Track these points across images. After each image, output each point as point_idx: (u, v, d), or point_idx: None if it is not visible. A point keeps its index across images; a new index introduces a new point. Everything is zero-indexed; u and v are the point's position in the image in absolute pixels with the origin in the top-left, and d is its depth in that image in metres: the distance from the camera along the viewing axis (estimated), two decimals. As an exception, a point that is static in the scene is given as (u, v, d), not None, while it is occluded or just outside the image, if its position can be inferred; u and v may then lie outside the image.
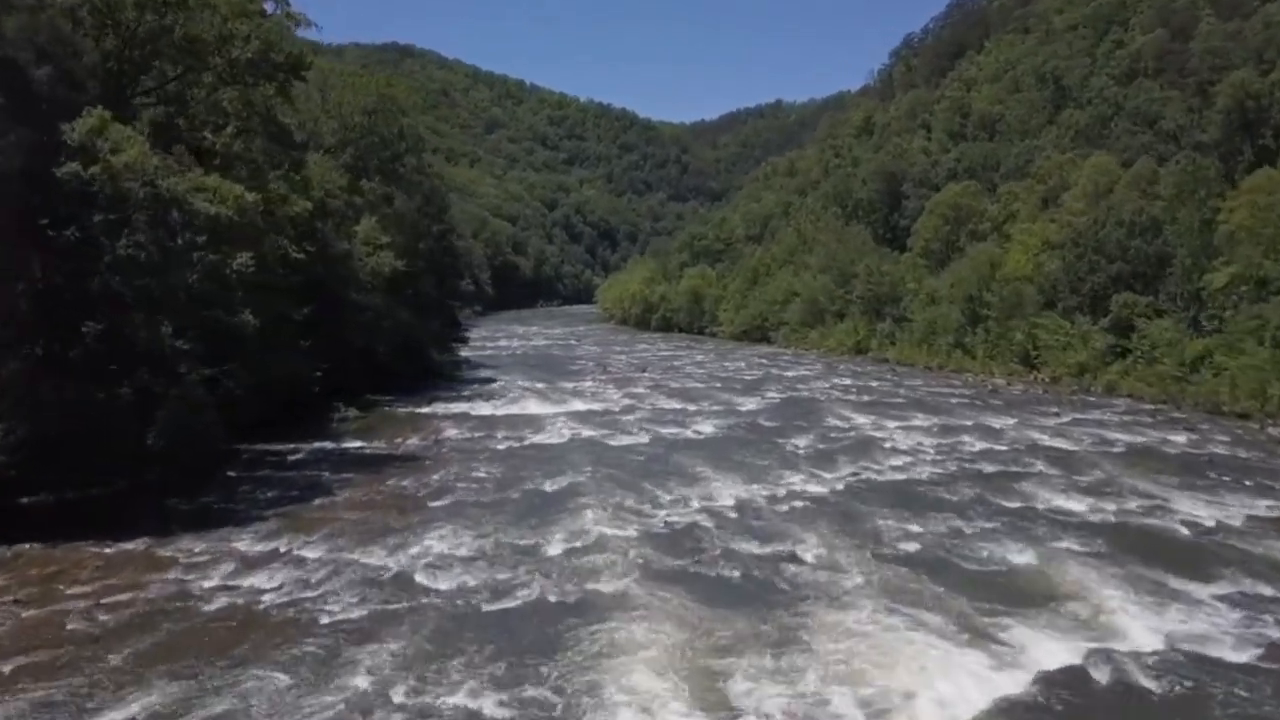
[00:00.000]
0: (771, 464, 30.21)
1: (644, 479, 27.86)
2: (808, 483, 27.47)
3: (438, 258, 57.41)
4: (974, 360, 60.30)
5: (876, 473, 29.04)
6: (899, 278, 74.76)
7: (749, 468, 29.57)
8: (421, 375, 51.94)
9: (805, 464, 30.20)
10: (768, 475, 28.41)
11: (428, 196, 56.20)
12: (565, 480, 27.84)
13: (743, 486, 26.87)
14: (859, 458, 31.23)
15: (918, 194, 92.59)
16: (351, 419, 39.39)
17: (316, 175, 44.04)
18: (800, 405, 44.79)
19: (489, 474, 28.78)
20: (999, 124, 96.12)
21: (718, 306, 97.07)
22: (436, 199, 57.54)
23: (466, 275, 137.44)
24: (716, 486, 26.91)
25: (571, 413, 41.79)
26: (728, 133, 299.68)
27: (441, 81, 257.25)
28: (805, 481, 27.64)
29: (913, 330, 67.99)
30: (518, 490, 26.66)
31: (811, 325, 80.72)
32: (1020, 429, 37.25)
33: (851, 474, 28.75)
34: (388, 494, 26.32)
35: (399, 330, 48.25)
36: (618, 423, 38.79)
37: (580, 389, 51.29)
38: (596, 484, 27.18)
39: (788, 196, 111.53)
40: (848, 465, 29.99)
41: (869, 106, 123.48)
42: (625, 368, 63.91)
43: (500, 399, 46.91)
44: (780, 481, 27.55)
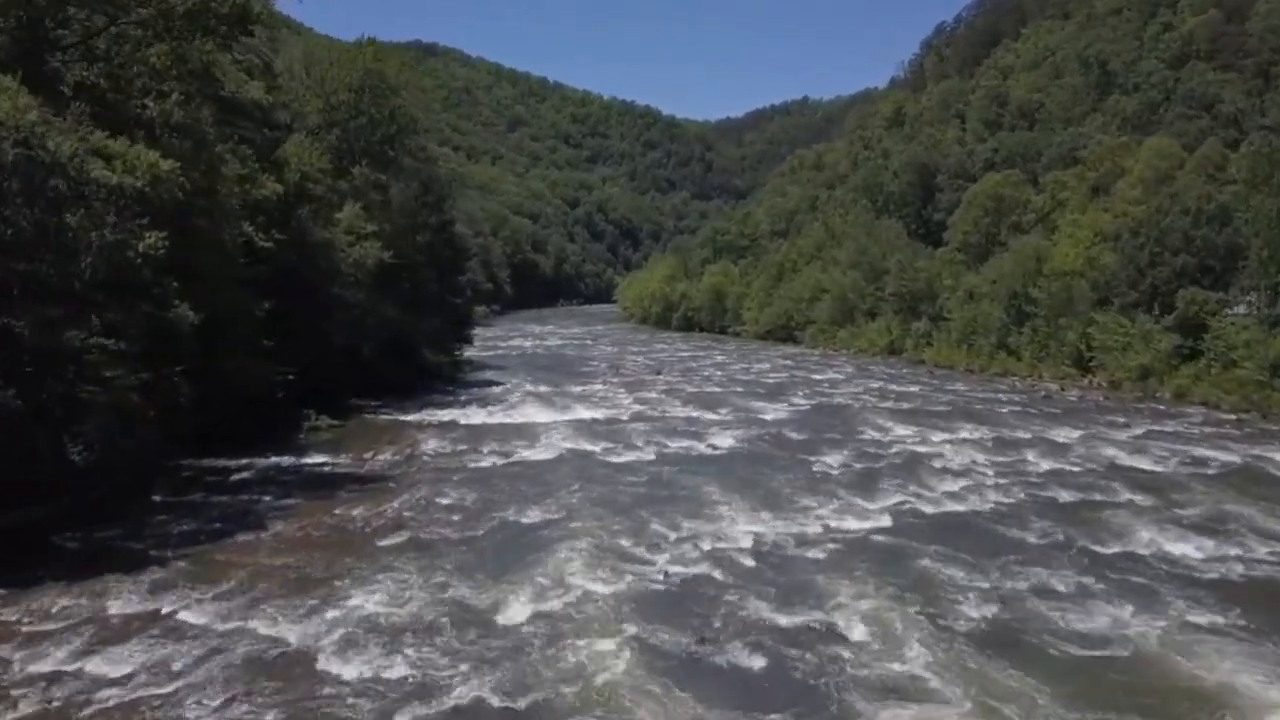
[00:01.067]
0: (799, 489, 24.95)
1: (645, 509, 22.72)
2: (844, 515, 22.20)
3: (437, 251, 52.56)
4: (1020, 362, 54.68)
5: (928, 502, 23.70)
6: (934, 274, 69.20)
7: (772, 495, 24.33)
8: (416, 378, 47.09)
9: (840, 489, 24.93)
10: (795, 505, 23.17)
11: (425, 184, 51.37)
12: (550, 510, 22.76)
13: (764, 521, 21.66)
14: (905, 481, 25.91)
15: (952, 186, 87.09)
16: (323, 428, 34.55)
17: (294, 156, 39.27)
18: (831, 414, 39.49)
19: (460, 501, 23.74)
20: (1039, 112, 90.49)
21: (741, 305, 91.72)
22: (436, 187, 52.74)
23: (483, 273, 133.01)
24: (732, 520, 21.72)
25: (573, 422, 36.72)
26: (753, 130, 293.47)
27: (464, 80, 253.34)
28: (841, 514, 22.37)
29: (950, 330, 62.41)
30: (489, 523, 21.60)
31: (841, 324, 75.25)
32: (1089, 444, 31.75)
33: (897, 503, 23.43)
34: (330, 528, 21.35)
35: (387, 328, 43.40)
36: (623, 434, 33.66)
37: (587, 393, 46.23)
38: (586, 516, 22.06)
39: (815, 190, 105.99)
40: (892, 491, 24.68)
41: (899, 97, 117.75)
42: (639, 370, 58.78)
43: (497, 405, 41.95)
44: (810, 514, 22.29)
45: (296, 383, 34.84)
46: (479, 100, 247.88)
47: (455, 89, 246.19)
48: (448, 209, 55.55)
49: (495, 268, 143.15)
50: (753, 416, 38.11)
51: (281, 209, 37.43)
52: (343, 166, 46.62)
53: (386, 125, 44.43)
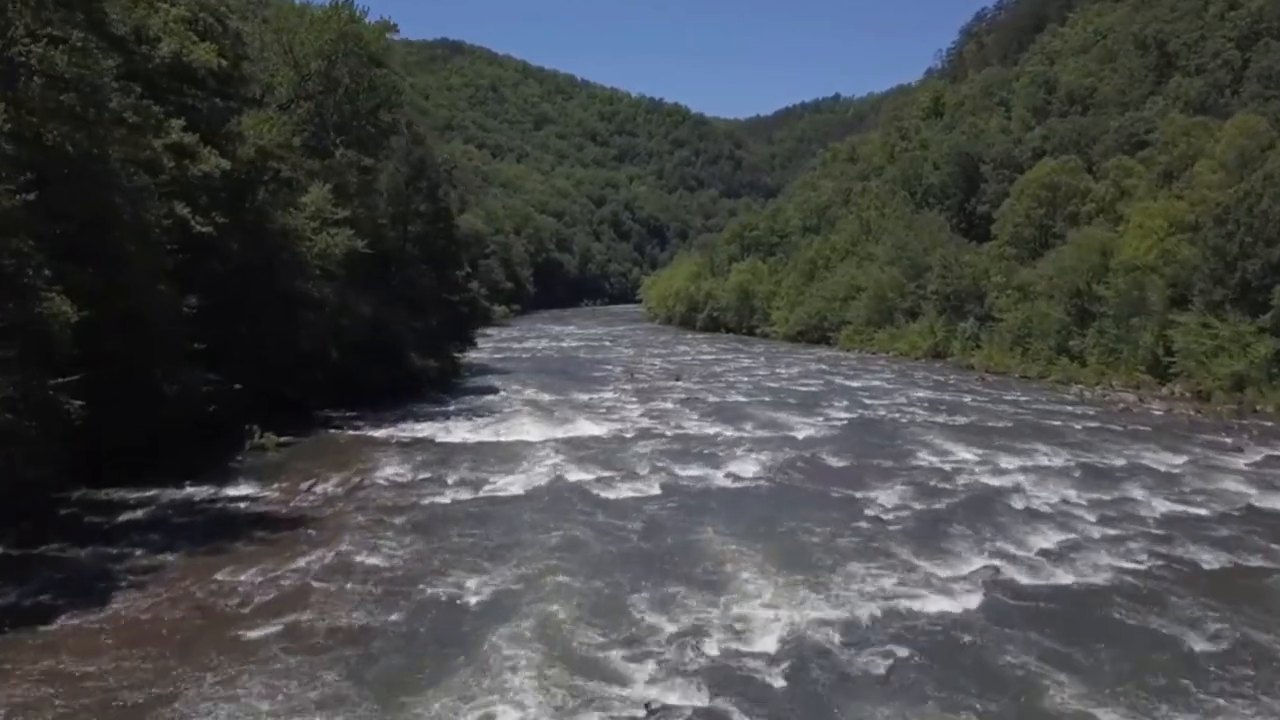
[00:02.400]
0: (843, 545, 18.61)
1: (634, 578, 16.50)
2: (909, 592, 15.86)
3: (431, 242, 46.68)
4: (1085, 368, 47.85)
5: (1022, 568, 17.24)
6: (982, 270, 62.38)
7: (807, 554, 18.02)
8: (402, 384, 41.18)
9: (898, 545, 18.55)
10: (839, 572, 16.85)
11: (417, 168, 45.51)
12: (504, 579, 16.60)
13: (798, 600, 15.38)
14: (983, 532, 19.49)
15: (998, 176, 79.96)
16: (269, 447, 28.60)
17: (251, 130, 33.52)
18: (875, 431, 33.05)
19: (389, 561, 17.63)
20: (1093, 97, 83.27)
21: (769, 304, 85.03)
22: (430, 172, 46.83)
23: (504, 271, 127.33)
24: (753, 599, 15.45)
25: (569, 440, 30.58)
26: (783, 127, 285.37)
27: (491, 77, 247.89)
28: (904, 588, 16.03)
29: (1002, 331, 55.62)
30: (414, 602, 15.47)
31: (878, 325, 68.53)
32: (1203, 475, 25.13)
33: (980, 571, 17.00)
34: (198, 603, 15.32)
35: (365, 329, 37.55)
36: (625, 458, 27.45)
37: (594, 403, 40.11)
38: (551, 592, 15.87)
39: (848, 183, 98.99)
40: (969, 550, 18.26)
41: (938, 86, 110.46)
42: (656, 375, 52.54)
43: (488, 417, 35.93)
44: (862, 588, 15.97)
45: (245, 392, 29.14)
46: (505, 98, 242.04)
47: (482, 86, 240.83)
48: (444, 195, 49.63)
49: (517, 266, 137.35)
50: (782, 435, 31.72)
51: (233, 189, 31.77)
52: (322, 146, 40.94)
53: (366, 98, 38.53)
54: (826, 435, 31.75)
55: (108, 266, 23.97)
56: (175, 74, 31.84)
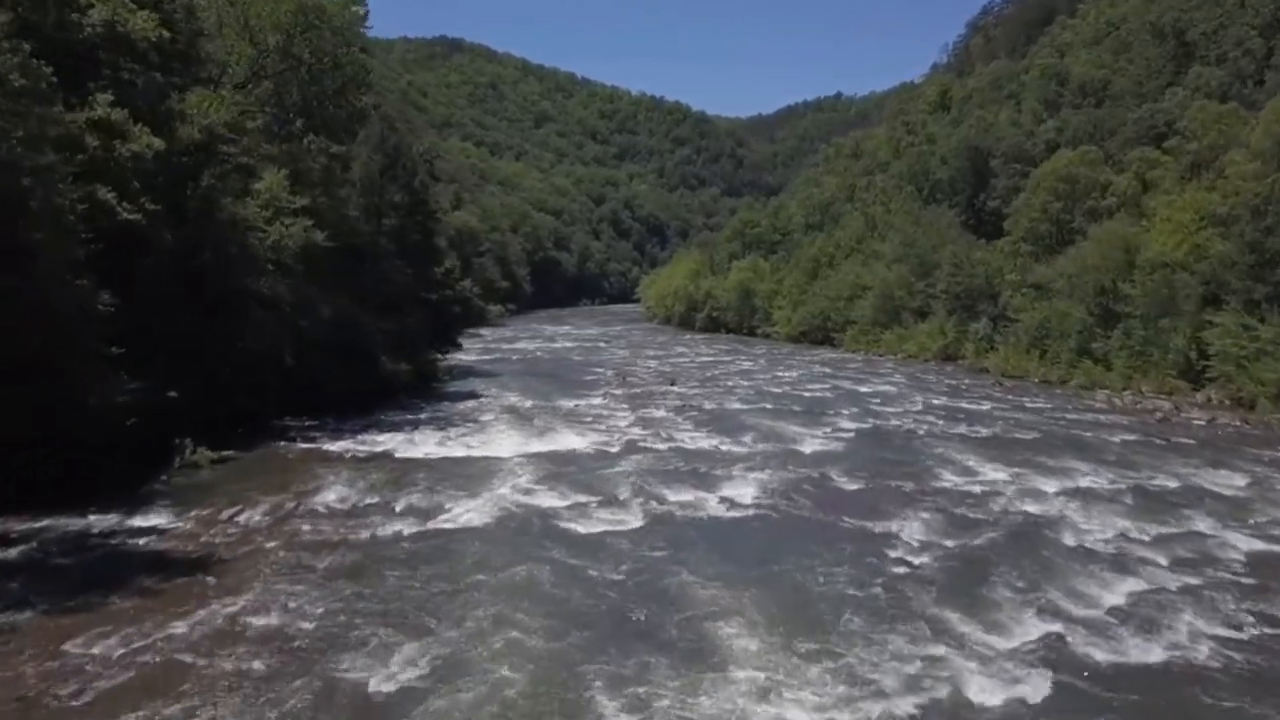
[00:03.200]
0: (862, 600, 14.92)
1: (597, 655, 12.83)
2: (951, 671, 12.16)
3: (407, 236, 43.02)
4: (1110, 372, 44.15)
5: (1093, 634, 13.52)
6: (995, 267, 58.76)
7: (816, 612, 14.35)
8: (374, 390, 37.54)
9: (930, 601, 14.86)
10: (858, 642, 13.14)
11: (391, 156, 41.90)
12: (430, 652, 12.89)
13: (804, 682, 11.72)
14: (1033, 580, 15.81)
15: (1009, 170, 76.42)
16: (202, 465, 24.95)
17: (195, 108, 29.90)
18: (890, 444, 29.39)
19: (295, 623, 13.93)
20: (1107, 89, 79.64)
21: (771, 304, 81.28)
22: (406, 161, 43.15)
23: (499, 270, 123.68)
24: (743, 683, 11.77)
25: (546, 455, 26.93)
26: (785, 126, 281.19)
27: (491, 75, 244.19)
28: (944, 666, 12.33)
29: (1018, 332, 51.94)
30: (305, 692, 11.78)
31: (885, 325, 64.85)
32: (1274, 499, 21.48)
33: (1040, 640, 13.27)
34: (13, 694, 11.67)
35: (327, 330, 33.93)
36: (607, 478, 23.79)
37: (580, 411, 36.49)
38: (484, 676, 12.19)
39: (853, 179, 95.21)
40: (1020, 608, 14.54)
41: (945, 80, 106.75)
42: (650, 379, 48.88)
43: (461, 427, 32.32)
44: (888, 665, 12.28)
45: (181, 401, 25.53)
46: (505, 96, 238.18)
47: (481, 84, 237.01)
48: (422, 186, 46.00)
49: (513, 265, 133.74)
50: (785, 449, 28.03)
51: (172, 174, 28.19)
52: (285, 130, 37.35)
53: (330, 77, 34.89)
54: (835, 450, 28.06)
55: (8, 256, 20.55)
56: (110, 45, 28.37)
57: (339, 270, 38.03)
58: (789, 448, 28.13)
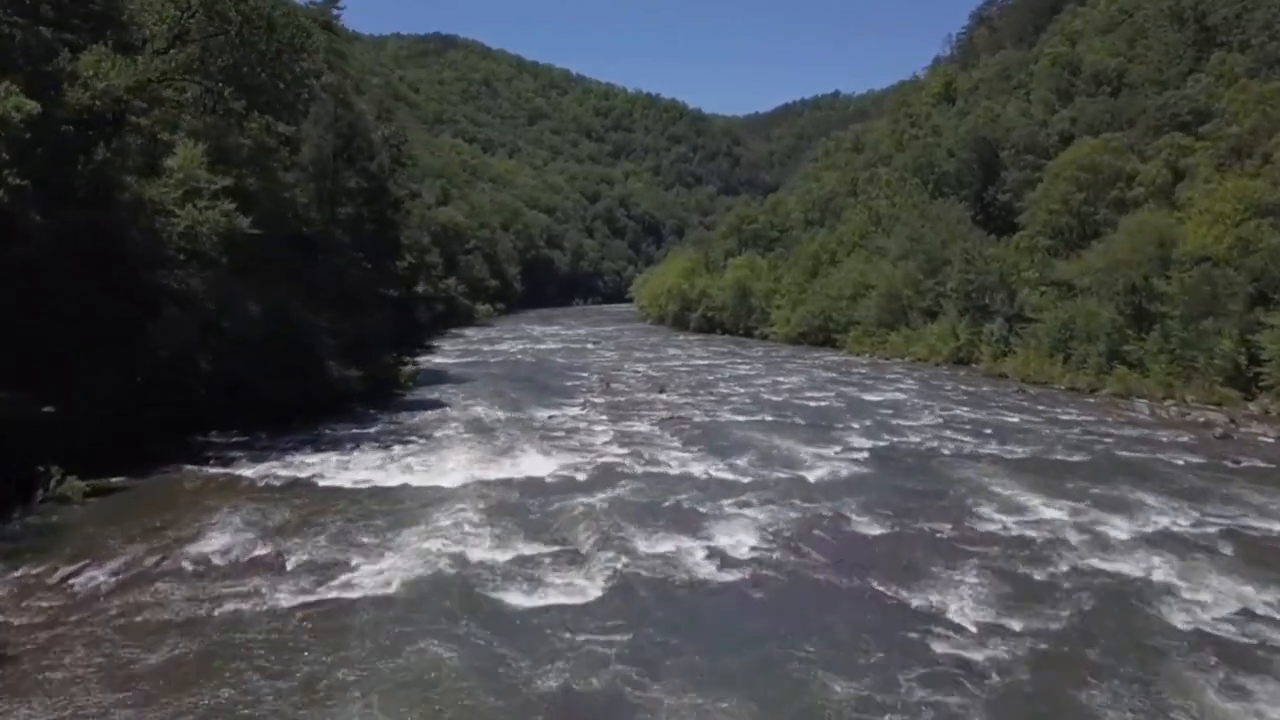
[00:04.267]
0: None
1: None
2: None
3: (365, 227, 38.19)
4: (1147, 379, 39.37)
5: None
6: (1010, 264, 53.96)
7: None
8: (321, 399, 32.73)
9: None
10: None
11: (345, 137, 37.13)
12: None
13: None
14: (1146, 686, 11.06)
15: (1020, 163, 71.76)
16: (72, 497, 20.05)
17: (91, 70, 25.09)
18: (916, 468, 24.59)
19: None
20: (1124, 77, 74.99)
21: (769, 303, 76.40)
22: (364, 142, 38.32)
23: (488, 268, 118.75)
24: None
25: (498, 485, 22.14)
26: (782, 125, 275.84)
27: (484, 72, 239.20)
28: None
29: (1039, 334, 47.15)
30: None
31: (891, 326, 60.06)
32: None
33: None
34: None
35: (258, 331, 29.10)
36: (566, 519, 18.96)
37: (554, 424, 31.71)
38: None
39: (854, 173, 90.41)
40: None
41: (949, 71, 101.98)
42: (637, 385, 44.08)
43: (411, 445, 27.54)
44: None
45: (58, 417, 20.73)
46: (499, 93, 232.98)
47: (474, 81, 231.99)
48: (382, 170, 41.15)
49: (503, 263, 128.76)
50: (789, 476, 23.21)
51: (54, 145, 23.42)
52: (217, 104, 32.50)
53: (263, 39, 30.07)
54: (849, 477, 23.26)
55: None
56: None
57: (281, 263, 33.28)
58: (793, 474, 23.32)
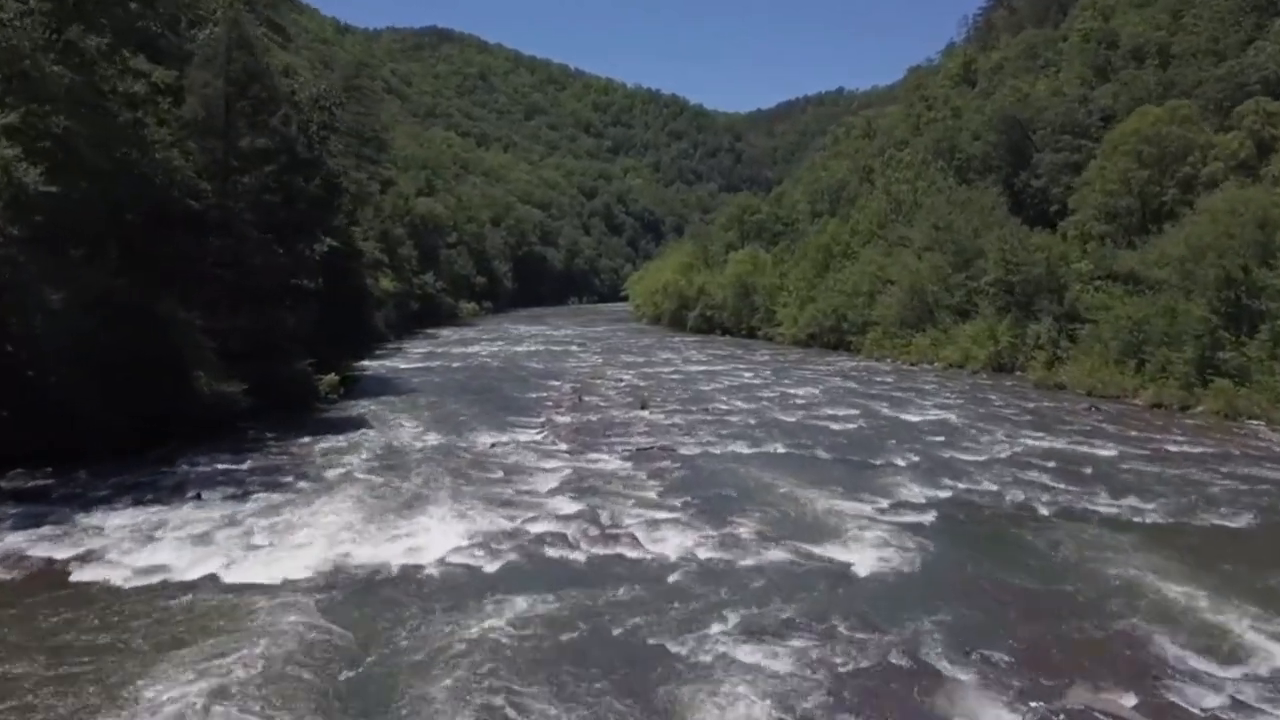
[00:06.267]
0: None
1: None
2: None
3: (258, 196, 29.64)
4: (1259, 394, 30.77)
5: None
6: (1058, 254, 45.40)
7: None
8: (187, 422, 24.31)
9: None
10: None
11: (239, 85, 28.71)
12: None
13: None
14: None
15: (1056, 144, 63.20)
16: None
17: None
18: (1012, 547, 16.06)
19: None
20: (1169, 49, 66.48)
21: (774, 300, 67.79)
22: (265, 91, 29.75)
23: (474, 265, 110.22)
24: None
25: (354, 583, 13.66)
26: (784, 121, 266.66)
27: (481, 66, 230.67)
28: None
29: (1102, 337, 38.57)
30: None
31: (915, 326, 51.46)
32: None
33: None
34: None
35: (70, 333, 20.66)
36: (431, 670, 10.48)
37: (495, 458, 23.24)
38: None
39: (867, 160, 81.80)
40: None
41: (968, 53, 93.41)
42: (618, 396, 35.52)
43: (276, 493, 19.13)
44: None
45: None
46: (495, 87, 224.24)
47: (470, 75, 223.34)
48: (309, 132, 32.73)
49: (492, 259, 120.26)
50: (821, 567, 14.63)
51: None
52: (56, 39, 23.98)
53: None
54: (913, 564, 14.67)
55: None
56: None
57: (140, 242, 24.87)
58: (827, 559, 14.77)
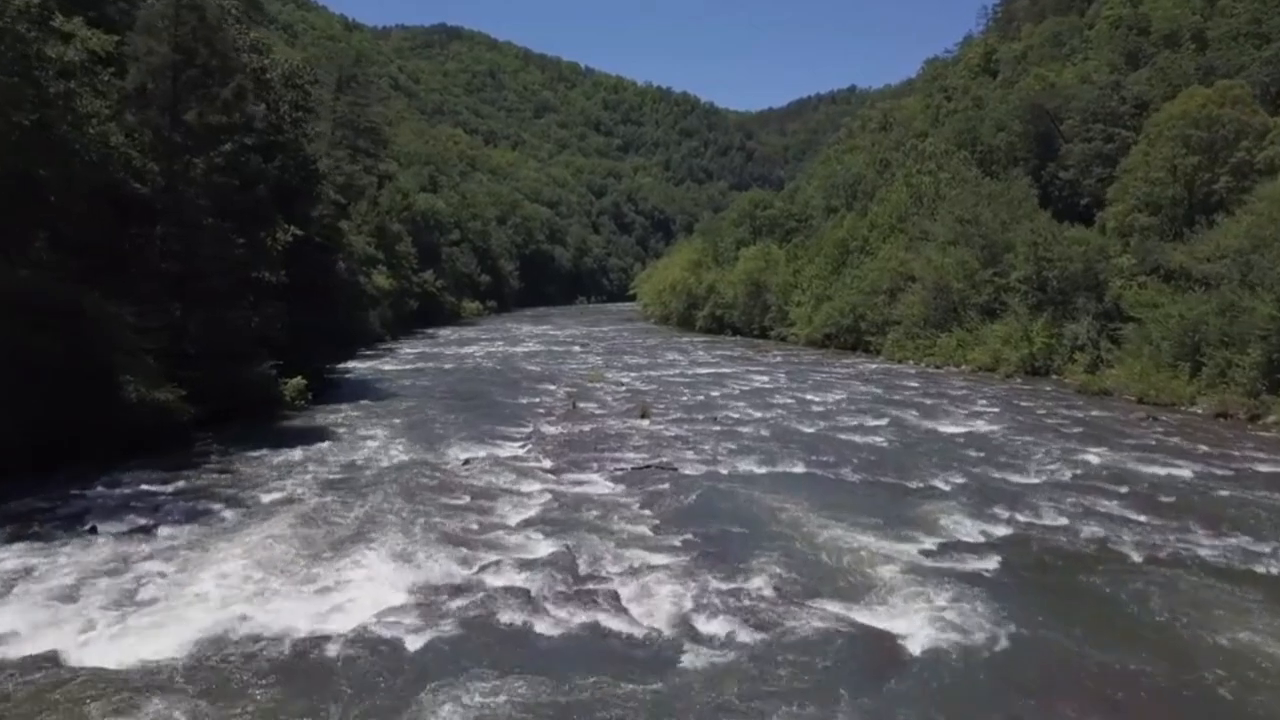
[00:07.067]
0: None
1: None
2: None
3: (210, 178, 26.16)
4: (1341, 404, 26.98)
5: None
6: (1096, 248, 41.64)
7: None
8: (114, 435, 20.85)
9: None
10: None
11: (186, 50, 25.26)
12: None
13: None
14: None
15: (1086, 133, 59.34)
16: None
17: None
18: (1090, 596, 12.39)
19: None
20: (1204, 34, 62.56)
21: (787, 298, 64.07)
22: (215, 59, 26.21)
23: (478, 264, 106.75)
24: None
25: (236, 660, 10.08)
26: (797, 119, 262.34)
27: (490, 63, 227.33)
28: None
29: (1151, 338, 34.75)
30: None
31: (940, 326, 47.68)
32: None
33: None
34: None
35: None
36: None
37: (459, 481, 19.68)
38: None
39: (884, 153, 77.90)
40: None
41: (989, 42, 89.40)
42: (615, 402, 31.91)
43: (200, 524, 15.67)
44: None
45: None
46: (504, 85, 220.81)
47: (479, 72, 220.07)
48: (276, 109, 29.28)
49: (498, 258, 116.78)
50: (862, 632, 11.01)
51: None
52: None
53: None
54: (982, 640, 10.92)
55: None
56: None
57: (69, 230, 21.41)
58: (867, 625, 11.10)
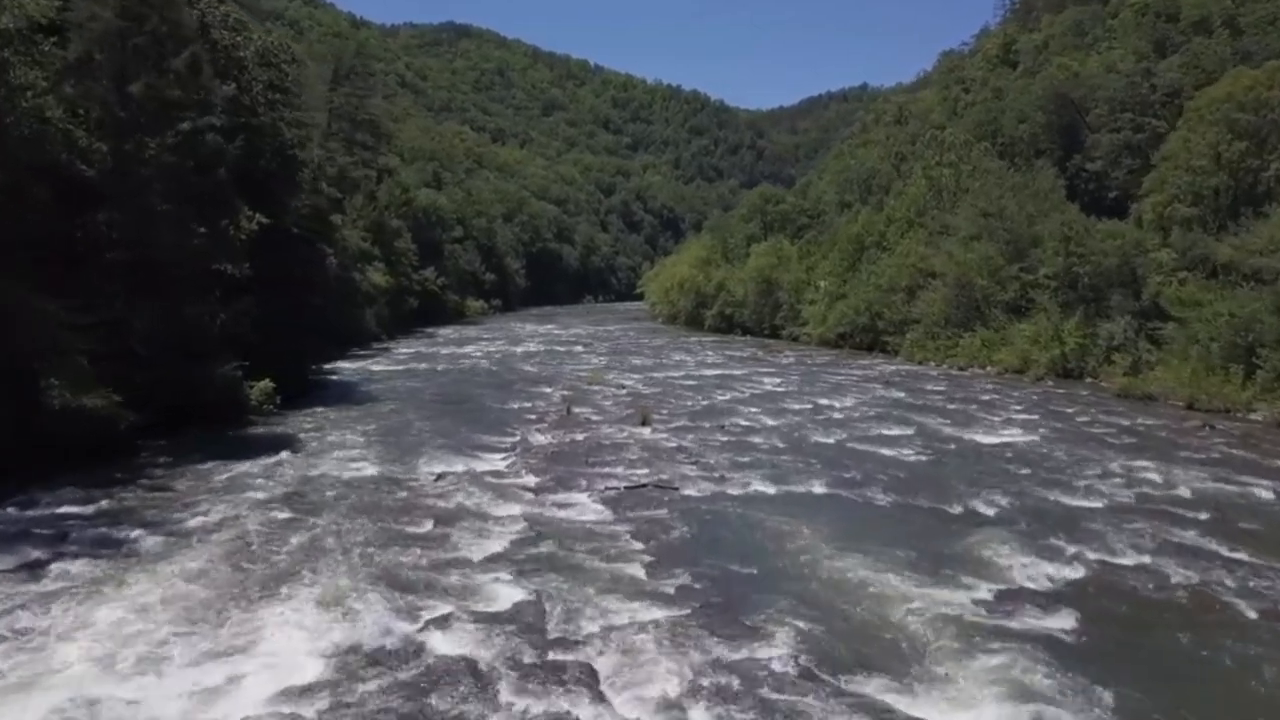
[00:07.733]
0: None
1: None
2: None
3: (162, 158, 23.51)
4: None
5: None
6: (1131, 242, 38.66)
7: None
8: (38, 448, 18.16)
9: None
10: None
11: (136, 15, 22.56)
12: None
13: None
14: None
15: (1113, 123, 56.33)
16: None
17: None
18: (1203, 671, 9.56)
19: None
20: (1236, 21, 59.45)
21: (800, 297, 61.10)
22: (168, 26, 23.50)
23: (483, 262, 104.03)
24: None
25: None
26: (808, 117, 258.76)
27: (498, 61, 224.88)
28: None
29: (1199, 339, 31.71)
30: None
31: (962, 325, 44.70)
32: None
33: None
34: None
35: None
36: None
37: (426, 502, 16.90)
38: None
39: (900, 147, 74.85)
40: None
41: (1009, 33, 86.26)
42: (614, 409, 29.07)
43: (102, 559, 12.90)
44: None
45: None
46: (513, 83, 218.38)
47: (488, 70, 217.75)
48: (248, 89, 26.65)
49: (503, 256, 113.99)
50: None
51: None
52: None
53: None
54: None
55: None
56: None
57: None
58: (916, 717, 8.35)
